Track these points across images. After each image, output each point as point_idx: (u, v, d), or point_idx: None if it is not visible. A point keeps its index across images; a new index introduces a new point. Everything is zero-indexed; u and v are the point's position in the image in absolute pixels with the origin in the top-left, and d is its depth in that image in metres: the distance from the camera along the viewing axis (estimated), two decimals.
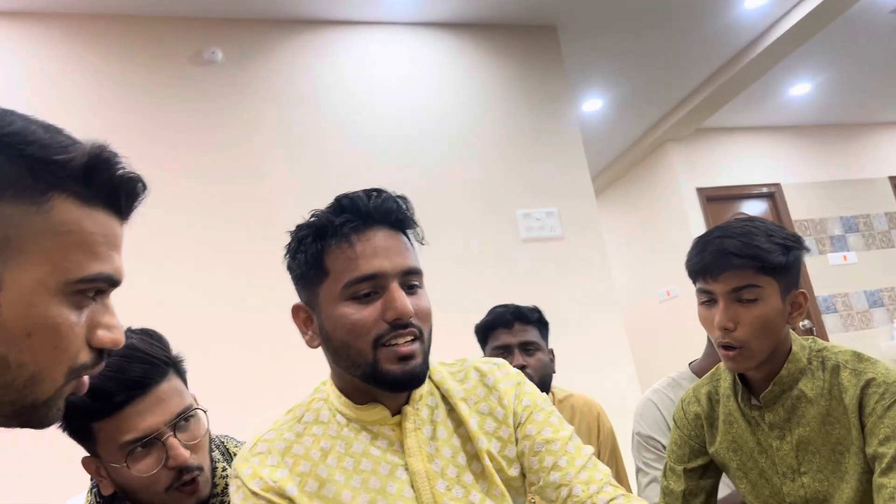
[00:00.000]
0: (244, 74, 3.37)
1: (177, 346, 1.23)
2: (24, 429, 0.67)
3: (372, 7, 3.57)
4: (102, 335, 0.66)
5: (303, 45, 3.53)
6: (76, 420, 1.12)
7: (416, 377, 1.03)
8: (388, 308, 1.01)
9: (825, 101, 5.92)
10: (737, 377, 1.41)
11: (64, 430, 1.15)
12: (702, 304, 1.39)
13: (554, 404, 2.03)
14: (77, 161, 0.63)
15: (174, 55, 3.29)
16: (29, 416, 0.65)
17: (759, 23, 4.37)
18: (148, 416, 1.11)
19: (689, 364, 2.01)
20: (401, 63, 3.69)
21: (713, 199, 5.88)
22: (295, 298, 1.12)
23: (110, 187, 0.66)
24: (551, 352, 2.09)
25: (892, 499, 1.17)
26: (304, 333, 1.09)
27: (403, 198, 1.08)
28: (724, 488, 1.80)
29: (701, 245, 1.37)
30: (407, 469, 1.05)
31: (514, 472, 1.09)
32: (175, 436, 1.13)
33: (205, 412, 1.21)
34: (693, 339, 1.95)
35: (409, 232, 1.09)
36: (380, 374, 1.02)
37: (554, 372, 2.07)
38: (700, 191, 5.89)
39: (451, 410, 1.12)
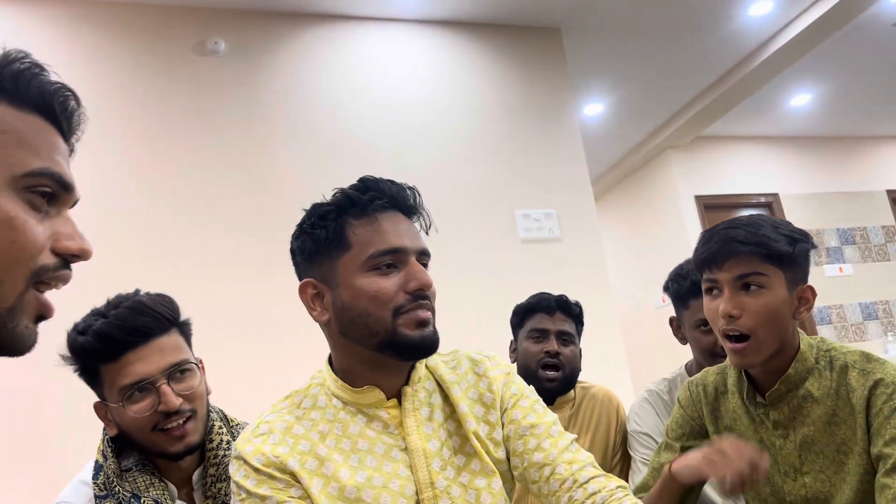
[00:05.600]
0: (246, 66, 3.35)
1: None
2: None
3: (374, 3, 3.55)
4: (68, 243, 0.67)
5: (305, 38, 3.51)
6: (88, 361, 1.27)
7: (433, 343, 1.10)
8: (410, 279, 1.08)
9: (825, 112, 5.93)
10: (743, 374, 1.40)
11: (80, 376, 1.31)
12: (707, 294, 1.38)
13: (577, 394, 2.04)
14: None
15: (176, 44, 3.27)
16: None
17: (762, 32, 4.37)
18: (146, 363, 1.26)
19: (685, 364, 2.01)
20: (403, 60, 3.67)
21: (711, 206, 5.89)
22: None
23: (39, 93, 0.68)
24: (580, 350, 2.08)
25: (895, 499, 1.16)
26: (311, 309, 1.15)
27: (414, 188, 1.18)
28: None
29: (707, 236, 1.37)
30: (403, 449, 1.10)
31: (500, 454, 1.15)
32: (169, 384, 1.27)
33: (198, 366, 1.35)
34: (687, 348, 1.98)
35: (417, 220, 1.19)
36: (399, 339, 1.08)
37: (580, 370, 2.06)
38: (698, 198, 5.90)
39: (446, 396, 1.18)
